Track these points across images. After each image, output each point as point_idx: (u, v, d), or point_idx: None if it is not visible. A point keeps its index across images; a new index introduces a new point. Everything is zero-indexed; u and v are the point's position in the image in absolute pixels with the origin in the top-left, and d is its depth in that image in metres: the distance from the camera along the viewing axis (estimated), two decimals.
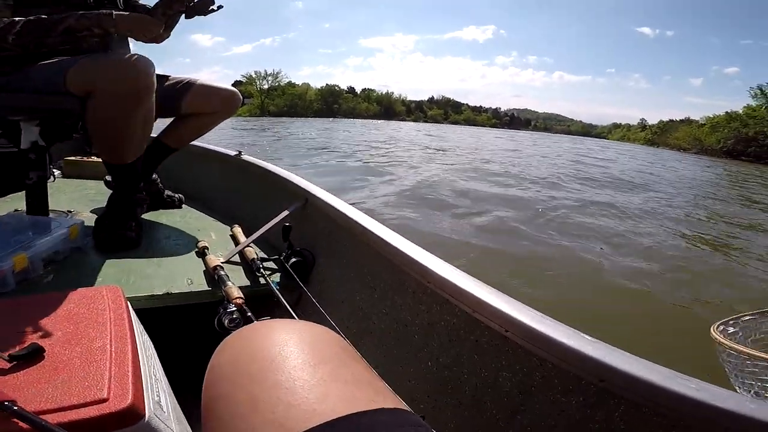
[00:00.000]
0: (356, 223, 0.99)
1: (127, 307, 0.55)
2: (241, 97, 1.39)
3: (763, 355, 1.27)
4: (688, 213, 6.10)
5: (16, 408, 0.31)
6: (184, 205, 1.59)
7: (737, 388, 1.42)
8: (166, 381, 0.56)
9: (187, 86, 1.29)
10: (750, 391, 1.37)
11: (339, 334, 0.36)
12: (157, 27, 1.10)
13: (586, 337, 0.55)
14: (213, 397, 0.28)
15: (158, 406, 0.43)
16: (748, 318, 1.63)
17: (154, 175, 1.49)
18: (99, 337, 0.46)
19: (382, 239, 0.89)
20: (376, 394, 0.27)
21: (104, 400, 0.36)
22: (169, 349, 0.71)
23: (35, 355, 0.41)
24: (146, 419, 0.38)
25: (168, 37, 1.28)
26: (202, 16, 1.20)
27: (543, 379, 0.58)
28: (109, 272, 0.95)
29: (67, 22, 0.99)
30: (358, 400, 0.25)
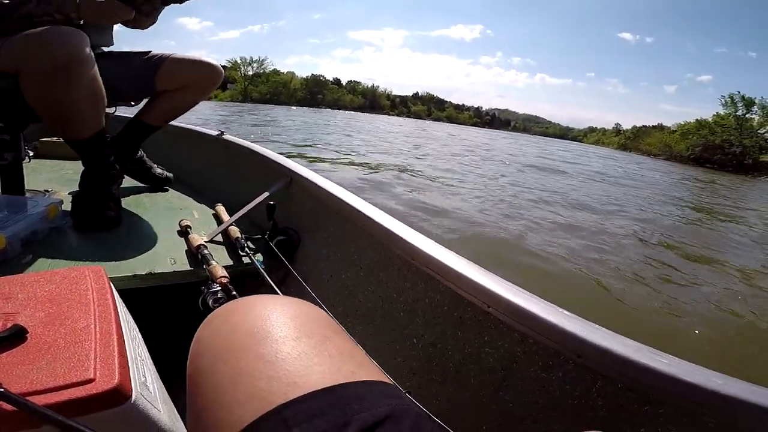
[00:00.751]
0: (342, 201, 0.99)
1: (111, 287, 0.55)
2: (222, 72, 1.31)
3: None
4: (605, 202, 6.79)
5: (2, 390, 0.31)
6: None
7: None
8: (151, 362, 0.57)
9: (161, 59, 1.23)
10: None
11: (324, 310, 0.36)
12: (127, 14, 1.06)
13: (565, 312, 0.57)
14: (197, 371, 0.28)
15: (144, 386, 0.43)
16: None
17: (140, 153, 1.45)
18: (83, 318, 0.46)
19: (367, 217, 0.89)
20: (358, 368, 0.27)
21: (90, 381, 0.37)
22: (153, 331, 0.71)
23: (18, 336, 0.41)
24: (133, 400, 0.38)
25: (154, 23, 1.23)
26: (178, 4, 1.16)
27: (525, 355, 0.59)
28: (91, 252, 0.93)
29: (26, 7, 0.95)
30: (340, 372, 0.26)
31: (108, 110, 1.08)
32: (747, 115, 45.35)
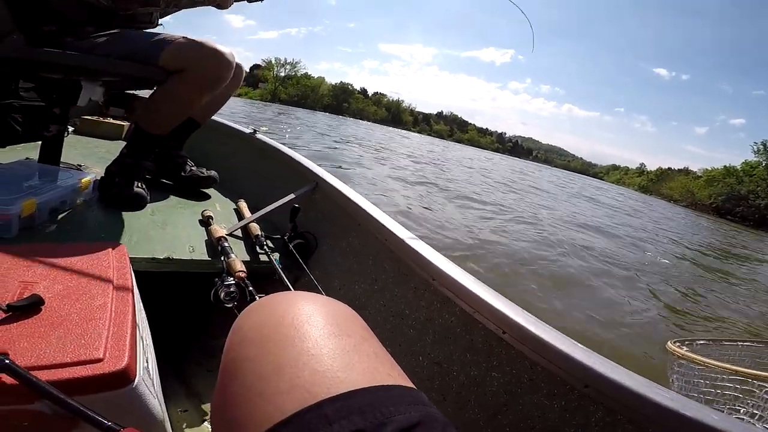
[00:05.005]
0: (366, 212, 0.98)
1: (130, 267, 0.55)
2: (231, 62, 1.09)
3: (725, 366, 1.34)
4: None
5: (7, 361, 0.31)
6: None
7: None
8: (152, 348, 0.56)
9: (171, 39, 1.06)
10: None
11: None
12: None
13: (577, 344, 0.57)
14: (236, 359, 0.29)
15: (146, 371, 0.43)
16: (701, 343, 1.79)
17: (182, 153, 1.44)
18: (100, 295, 0.46)
19: (390, 232, 0.88)
20: (392, 371, 0.28)
21: (99, 360, 0.36)
22: (157, 316, 0.71)
23: (34, 306, 0.41)
24: (135, 384, 0.38)
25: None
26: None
27: (530, 382, 0.59)
28: (113, 230, 0.94)
29: None
30: (379, 374, 0.26)
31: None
32: None
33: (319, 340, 0.28)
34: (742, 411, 1.43)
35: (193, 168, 1.43)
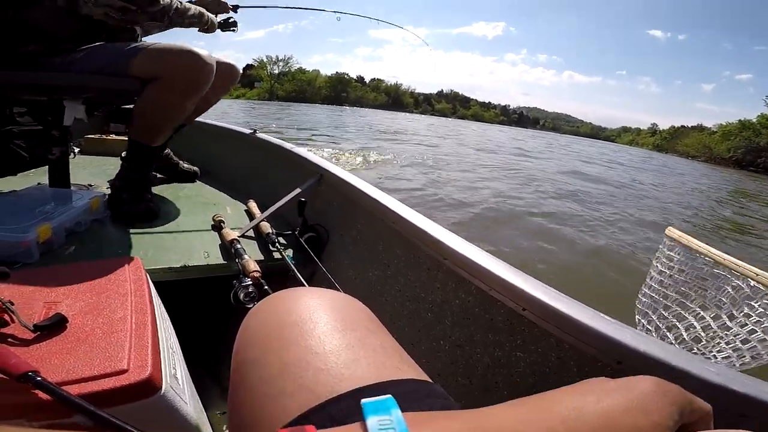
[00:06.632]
0: (372, 199, 0.98)
1: (147, 278, 0.56)
2: (212, 66, 1.07)
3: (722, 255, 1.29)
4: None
5: (39, 378, 0.32)
6: (199, 181, 1.61)
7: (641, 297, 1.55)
8: (181, 354, 0.58)
9: (139, 48, 1.05)
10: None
11: None
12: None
13: (605, 317, 0.54)
14: (243, 361, 0.28)
15: (174, 378, 0.44)
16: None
17: (166, 150, 1.51)
18: (120, 308, 0.47)
19: (398, 215, 0.88)
20: (402, 364, 0.27)
21: (124, 371, 0.37)
22: (183, 323, 0.72)
23: (59, 325, 0.42)
24: (162, 392, 0.39)
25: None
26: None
27: (558, 360, 0.57)
28: (129, 244, 0.97)
29: (203, 16, 1.21)
30: (386, 368, 0.26)
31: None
32: None
33: (323, 336, 0.27)
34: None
35: (180, 162, 1.59)
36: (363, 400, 0.19)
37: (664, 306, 1.49)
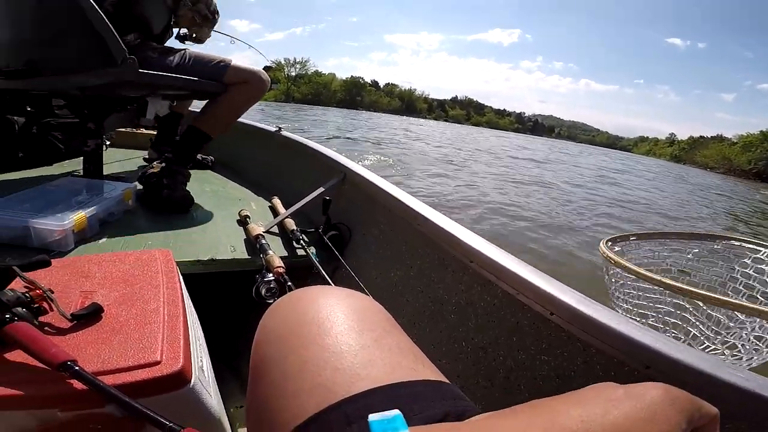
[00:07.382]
0: (396, 200, 0.98)
1: (177, 271, 0.57)
2: (269, 82, 1.35)
3: (648, 274, 1.22)
4: None
5: (77, 368, 0.33)
6: (224, 177, 1.65)
7: (614, 305, 1.48)
8: (206, 347, 0.59)
9: (226, 64, 1.29)
10: (630, 311, 1.44)
11: None
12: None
13: (634, 322, 0.54)
14: (263, 357, 0.29)
15: (201, 371, 0.45)
16: (633, 239, 1.66)
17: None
18: (153, 299, 0.48)
19: (422, 216, 0.88)
20: (417, 364, 0.27)
21: (157, 363, 0.38)
22: (206, 315, 0.74)
23: (95, 314, 0.43)
24: (192, 384, 0.39)
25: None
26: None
27: (584, 364, 0.56)
28: (158, 235, 0.99)
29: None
30: (401, 368, 0.26)
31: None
32: None
33: (340, 336, 0.27)
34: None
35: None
36: (370, 417, 0.19)
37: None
